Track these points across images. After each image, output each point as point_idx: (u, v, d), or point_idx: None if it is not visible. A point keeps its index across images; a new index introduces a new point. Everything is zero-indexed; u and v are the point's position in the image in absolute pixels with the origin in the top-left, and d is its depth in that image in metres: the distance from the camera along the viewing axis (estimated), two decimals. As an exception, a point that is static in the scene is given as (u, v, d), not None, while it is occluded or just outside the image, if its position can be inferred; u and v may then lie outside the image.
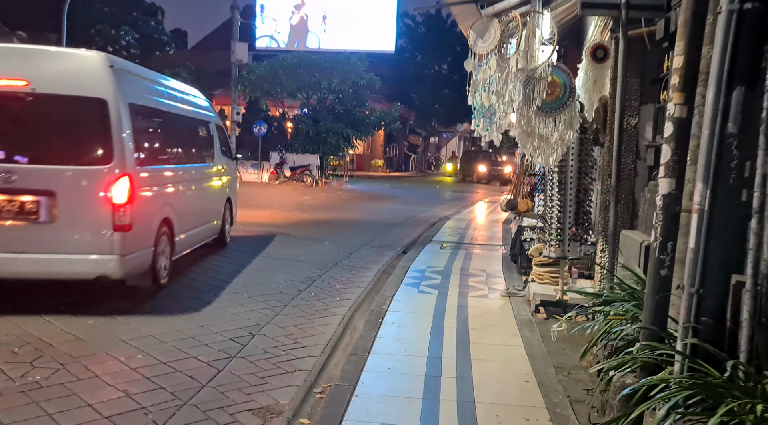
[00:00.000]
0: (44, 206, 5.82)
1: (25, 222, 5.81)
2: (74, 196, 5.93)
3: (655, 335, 3.53)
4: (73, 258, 5.92)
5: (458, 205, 20.13)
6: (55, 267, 5.92)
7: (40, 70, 5.98)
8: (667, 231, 3.46)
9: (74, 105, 5.99)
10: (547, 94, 5.71)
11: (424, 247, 10.63)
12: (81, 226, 5.94)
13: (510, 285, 7.56)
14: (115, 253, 5.94)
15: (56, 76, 5.98)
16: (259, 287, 7.40)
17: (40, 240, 5.87)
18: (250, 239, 10.88)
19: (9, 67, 5.98)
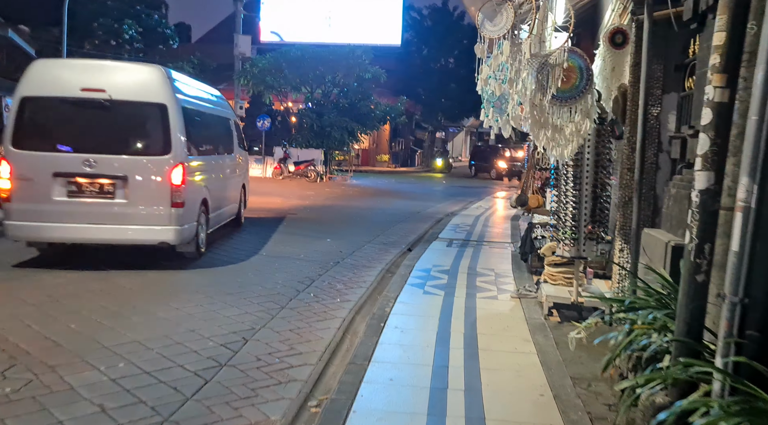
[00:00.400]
0: (119, 187, 7.50)
1: (103, 199, 7.49)
2: (141, 179, 7.57)
3: (690, 348, 3.13)
4: (141, 228, 7.59)
5: (465, 200, 19.70)
6: (128, 235, 7.59)
7: (115, 81, 7.57)
8: (704, 231, 3.06)
9: (141, 108, 7.67)
10: (562, 81, 5.30)
11: (430, 245, 10.23)
12: (147, 203, 7.56)
13: (520, 285, 7.16)
14: (173, 225, 7.63)
15: (127, 86, 7.59)
16: (256, 288, 7.03)
17: (116, 214, 7.50)
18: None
19: (91, 79, 7.55)
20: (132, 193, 7.50)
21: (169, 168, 7.57)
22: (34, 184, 7.43)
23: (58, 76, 7.63)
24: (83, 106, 7.60)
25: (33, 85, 7.54)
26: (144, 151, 7.77)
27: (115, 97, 7.49)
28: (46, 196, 7.39)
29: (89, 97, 7.49)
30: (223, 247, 9.46)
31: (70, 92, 7.52)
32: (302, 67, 24.45)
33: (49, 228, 7.50)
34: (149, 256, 8.16)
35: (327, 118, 24.66)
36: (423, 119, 45.62)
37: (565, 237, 5.89)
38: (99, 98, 7.48)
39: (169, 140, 7.59)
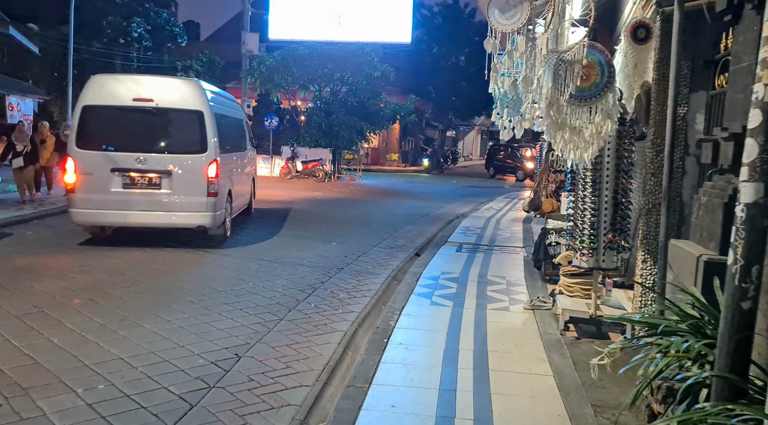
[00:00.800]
0: (164, 180, 8.97)
1: (151, 190, 8.95)
2: (182, 173, 8.97)
3: (733, 386, 2.71)
4: (183, 214, 9.06)
5: (475, 201, 19.27)
6: (171, 220, 9.09)
7: (160, 92, 9.05)
8: (751, 251, 2.64)
9: (182, 115, 9.12)
10: (581, 79, 4.89)
11: (439, 249, 9.83)
12: (187, 193, 8.99)
13: (534, 295, 6.74)
14: (209, 211, 9.09)
15: (170, 96, 9.07)
16: (254, 297, 6.67)
17: (162, 202, 8.94)
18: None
19: (141, 90, 9.06)
20: (175, 184, 8.99)
21: (205, 164, 9.07)
22: (95, 177, 8.88)
23: (113, 88, 9.10)
24: (134, 113, 9.09)
25: (92, 95, 9.01)
26: (184, 149, 9.15)
27: (160, 105, 9.02)
28: (104, 187, 8.88)
29: (139, 105, 9.00)
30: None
31: (124, 101, 9.01)
32: (310, 64, 24.07)
33: (107, 214, 9.03)
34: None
35: (335, 117, 24.26)
36: (433, 118, 45.10)
37: (583, 246, 5.47)
38: (147, 106, 9.00)
39: (205, 140, 9.10)
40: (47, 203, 12.77)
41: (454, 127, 51.85)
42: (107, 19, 35.51)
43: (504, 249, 10.06)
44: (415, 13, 37.56)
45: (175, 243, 9.51)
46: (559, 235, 7.45)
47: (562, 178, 7.81)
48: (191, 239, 9.72)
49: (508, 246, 10.36)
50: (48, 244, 9.10)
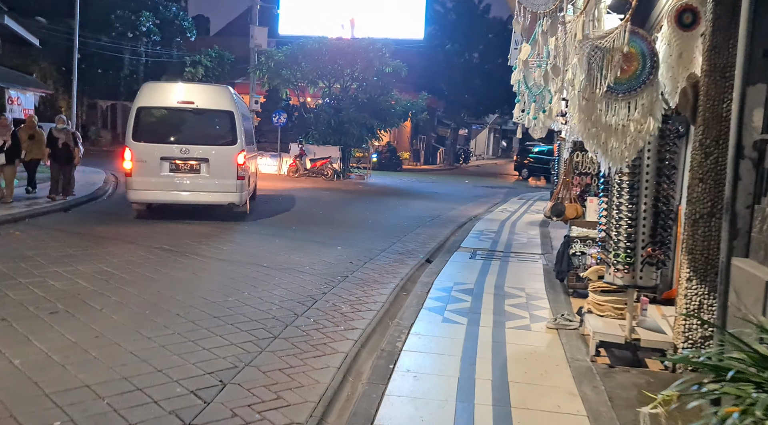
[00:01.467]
0: (203, 166, 10.96)
1: (193, 174, 10.95)
2: (218, 161, 10.98)
3: None
4: (217, 194, 11.08)
5: (488, 202, 18.59)
6: (208, 198, 11.13)
7: (199, 96, 11.16)
8: None
9: (217, 114, 11.17)
10: (621, 69, 4.23)
11: (452, 256, 9.17)
12: (221, 177, 10.95)
13: (557, 312, 6.08)
14: (237, 192, 11.11)
15: (207, 99, 11.12)
16: (247, 310, 6.05)
17: (201, 184, 10.95)
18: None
19: (184, 94, 11.13)
20: (211, 169, 10.98)
21: (235, 153, 11.09)
22: (147, 164, 10.84)
23: (161, 93, 11.32)
24: (178, 112, 11.27)
25: (145, 98, 11.11)
26: (218, 141, 11.20)
27: (199, 106, 11.10)
28: (155, 172, 10.87)
29: (183, 106, 11.12)
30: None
31: (170, 103, 11.18)
32: (320, 59, 23.42)
33: (157, 194, 11.04)
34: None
35: (345, 114, 23.61)
36: (445, 116, 44.41)
37: (618, 260, 4.80)
38: (189, 107, 11.11)
39: (235, 135, 11.16)
40: (40, 202, 12.26)
41: (467, 125, 51.10)
42: (116, 13, 35.08)
43: (521, 256, 9.38)
44: (428, 8, 36.87)
45: (172, 246, 8.96)
46: (584, 244, 6.78)
47: (588, 181, 7.15)
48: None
49: (525, 253, 9.69)
50: (33, 246, 8.53)
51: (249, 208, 12.22)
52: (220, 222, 11.44)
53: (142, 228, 10.42)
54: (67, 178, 12.95)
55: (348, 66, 23.80)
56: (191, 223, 11.10)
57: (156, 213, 11.75)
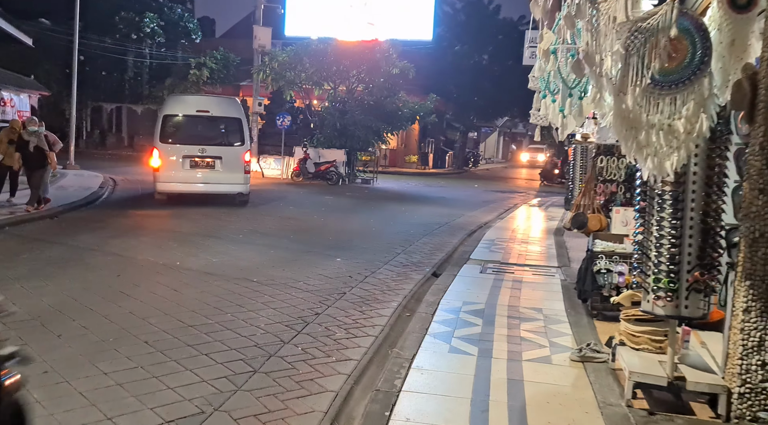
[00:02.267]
0: (217, 163, 13.21)
1: (209, 169, 13.18)
2: (230, 158, 13.22)
3: None
4: (229, 185, 13.39)
5: (499, 208, 17.81)
6: (222, 188, 13.38)
7: (214, 105, 13.70)
8: None
9: (228, 121, 13.60)
10: (668, 57, 3.48)
11: (460, 269, 8.41)
12: (231, 171, 13.21)
13: (582, 340, 5.31)
14: (245, 183, 13.55)
15: (220, 107, 13.63)
16: (227, 336, 5.32)
17: (216, 177, 13.23)
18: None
19: (201, 104, 13.69)
20: (224, 165, 13.27)
21: (243, 152, 13.48)
22: (172, 161, 13.02)
23: (183, 103, 14.13)
24: (197, 119, 13.54)
25: (169, 108, 13.65)
26: (229, 142, 13.59)
27: (214, 114, 13.51)
28: (178, 168, 13.02)
29: (200, 114, 13.44)
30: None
31: (190, 112, 13.57)
32: (324, 60, 22.73)
33: (180, 185, 13.13)
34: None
35: (350, 117, 22.88)
36: (454, 119, 43.58)
37: (659, 286, 4.03)
38: (205, 115, 13.44)
39: (243, 137, 13.62)
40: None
41: (476, 128, 50.30)
42: (120, 14, 34.62)
43: (536, 270, 8.60)
44: (437, 9, 36.15)
45: (158, 258, 8.25)
46: (610, 260, 6.01)
47: (613, 189, 6.38)
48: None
49: (540, 266, 8.90)
50: (2, 259, 7.85)
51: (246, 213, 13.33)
52: (213, 230, 10.76)
53: (129, 238, 9.74)
54: (37, 184, 11.40)
55: (354, 67, 23.09)
56: (181, 233, 10.43)
57: (153, 219, 11.06)
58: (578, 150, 13.53)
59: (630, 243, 6.10)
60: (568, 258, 9.53)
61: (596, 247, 6.18)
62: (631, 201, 6.48)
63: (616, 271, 5.92)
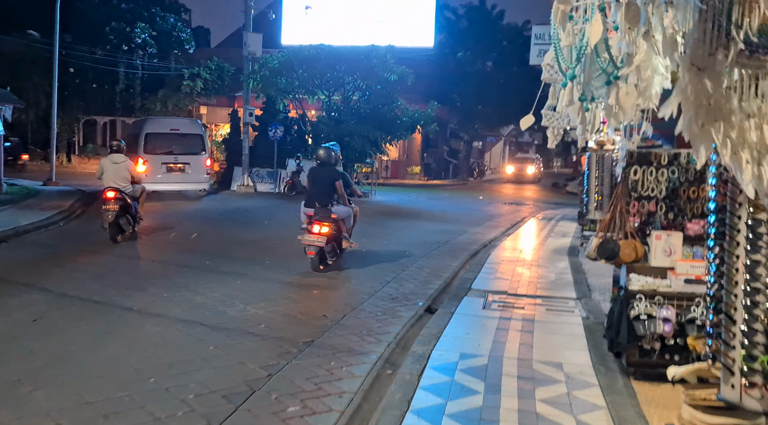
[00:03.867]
0: (187, 167, 17.73)
1: (181, 172, 17.64)
2: (195, 164, 17.77)
3: None
4: (196, 184, 18.27)
5: (505, 222, 16.37)
6: (189, 186, 18.26)
7: (182, 125, 19.41)
8: None
9: (193, 136, 18.30)
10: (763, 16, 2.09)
11: (459, 303, 6.98)
12: (197, 173, 17.82)
13: (621, 419, 3.86)
14: (207, 183, 18.91)
15: (187, 126, 19.08)
16: (136, 416, 3.90)
17: (186, 178, 17.78)
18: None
19: (173, 124, 19.27)
20: (192, 169, 17.46)
21: (204, 159, 17.94)
22: (153, 167, 16.62)
23: (159, 123, 19.13)
24: (170, 135, 17.79)
25: (149, 127, 17.90)
26: (195, 152, 17.68)
27: (183, 132, 18.08)
28: (158, 172, 16.80)
29: (173, 132, 17.93)
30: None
31: (165, 130, 18.10)
32: (317, 67, 21.41)
33: (160, 185, 16.56)
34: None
35: (346, 126, 21.53)
36: (458, 128, 42.20)
37: (751, 367, 2.60)
38: (177, 132, 17.95)
39: (204, 148, 18.11)
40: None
41: (481, 137, 48.89)
42: (111, 25, 33.49)
43: (551, 303, 7.16)
44: (439, 16, 34.93)
45: (94, 294, 6.88)
46: (651, 303, 4.57)
47: (651, 207, 4.95)
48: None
49: (555, 298, 7.45)
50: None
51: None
52: (176, 255, 9.39)
53: (71, 269, 8.36)
54: None
55: (348, 73, 21.76)
56: (139, 258, 9.07)
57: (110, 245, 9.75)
58: (593, 158, 12.12)
59: (676, 279, 4.67)
60: (588, 286, 8.09)
61: (632, 285, 4.74)
62: (674, 223, 5.05)
63: (660, 318, 4.48)
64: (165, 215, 14.67)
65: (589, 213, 12.35)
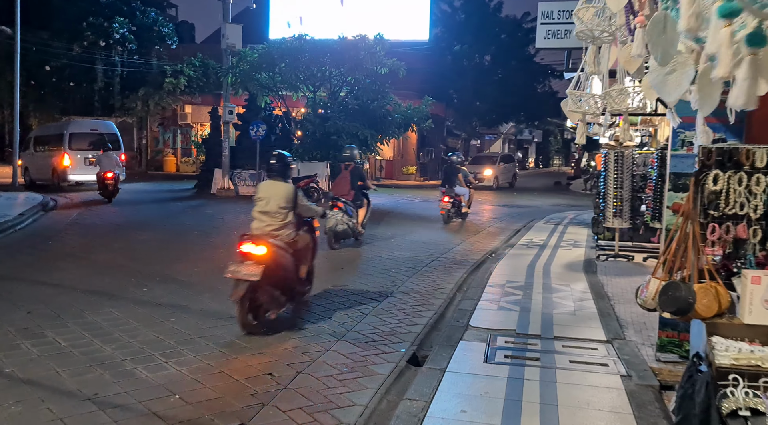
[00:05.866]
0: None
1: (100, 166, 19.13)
2: (112, 158, 18.00)
3: None
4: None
5: (507, 228, 14.67)
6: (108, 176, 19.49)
7: (99, 126, 22.55)
8: None
9: (109, 135, 21.52)
10: None
11: (454, 351, 5.26)
12: (113, 165, 17.70)
13: None
14: (122, 172, 19.86)
15: (103, 128, 22.30)
16: None
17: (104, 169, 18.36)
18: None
19: (93, 126, 22.54)
20: (107, 161, 17.75)
21: (119, 154, 19.93)
22: (76, 161, 20.50)
23: (80, 125, 22.57)
24: (90, 134, 21.22)
25: (72, 128, 21.56)
26: (112, 149, 19.15)
27: (100, 131, 21.44)
28: (80, 165, 20.49)
29: (93, 131, 21.47)
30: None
31: (86, 130, 21.65)
32: (300, 59, 19.68)
33: (82, 176, 20.39)
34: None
35: (332, 124, 19.80)
36: (455, 126, 40.50)
37: None
38: (96, 132, 21.43)
39: (119, 145, 21.43)
40: None
41: (479, 135, 47.18)
42: (88, 20, 31.71)
43: (575, 350, 5.43)
44: (434, 7, 33.21)
45: None
46: (753, 392, 2.85)
47: (742, 232, 3.24)
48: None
49: (578, 340, 5.72)
50: None
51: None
52: (95, 282, 7.67)
53: None
54: None
55: (334, 66, 20.03)
56: (67, 286, 7.35)
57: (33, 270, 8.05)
58: (610, 157, 10.42)
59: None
60: (617, 320, 6.37)
61: (720, 356, 3.03)
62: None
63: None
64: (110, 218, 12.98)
65: (606, 221, 10.66)
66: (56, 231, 12.54)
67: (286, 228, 6.12)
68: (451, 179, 14.81)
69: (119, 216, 15.38)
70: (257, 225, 6.13)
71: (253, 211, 6.21)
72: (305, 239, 6.37)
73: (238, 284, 5.56)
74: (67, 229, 12.79)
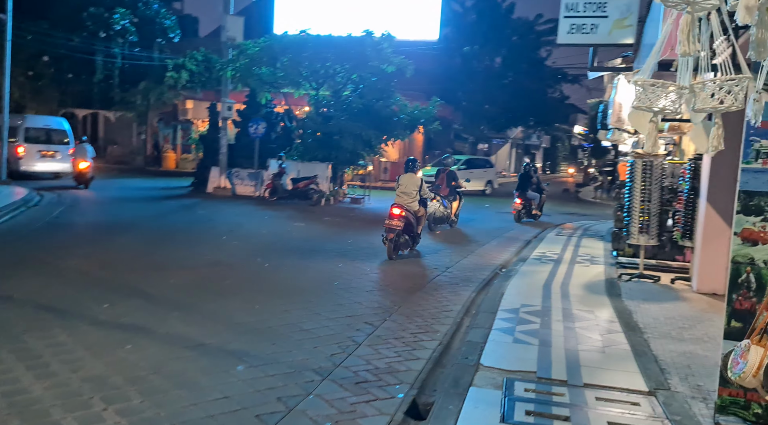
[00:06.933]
0: (56, 154, 22.75)
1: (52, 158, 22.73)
2: (62, 152, 22.52)
3: None
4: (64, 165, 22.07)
5: (518, 238, 13.68)
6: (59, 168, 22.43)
7: (53, 122, 24.03)
8: None
9: (60, 131, 23.49)
10: None
11: (462, 406, 4.27)
12: (64, 160, 22.09)
13: None
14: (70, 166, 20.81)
15: (56, 123, 23.96)
16: None
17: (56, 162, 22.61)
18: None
19: (46, 122, 24.00)
20: (60, 155, 22.20)
21: (71, 149, 21.66)
22: (30, 153, 21.89)
23: (35, 120, 23.79)
24: (44, 130, 22.93)
25: (29, 122, 22.88)
26: (63, 143, 22.64)
27: (53, 127, 23.32)
28: (34, 157, 21.96)
29: (46, 127, 23.18)
30: None
31: (40, 125, 23.20)
32: (302, 55, 18.73)
33: (36, 166, 21.99)
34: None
35: (335, 123, 18.85)
36: (463, 129, 39.49)
37: None
38: (49, 128, 23.18)
39: (71, 141, 22.77)
40: None
41: (487, 139, 46.17)
42: (89, 11, 30.89)
43: (611, 404, 4.43)
44: (444, 7, 32.23)
45: None
46: None
47: None
48: None
49: (615, 391, 4.72)
50: None
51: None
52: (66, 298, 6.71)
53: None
54: None
55: (338, 63, 19.07)
56: (19, 298, 6.40)
57: None
58: (637, 166, 9.42)
59: None
60: (656, 361, 5.37)
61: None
62: None
63: None
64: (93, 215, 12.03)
65: (631, 237, 9.66)
66: (32, 230, 11.64)
67: (414, 203, 10.44)
68: (524, 184, 16.69)
69: (104, 215, 14.47)
70: (399, 200, 10.35)
71: (396, 191, 10.59)
72: (422, 211, 10.80)
73: (390, 230, 9.90)
74: (44, 228, 11.88)
